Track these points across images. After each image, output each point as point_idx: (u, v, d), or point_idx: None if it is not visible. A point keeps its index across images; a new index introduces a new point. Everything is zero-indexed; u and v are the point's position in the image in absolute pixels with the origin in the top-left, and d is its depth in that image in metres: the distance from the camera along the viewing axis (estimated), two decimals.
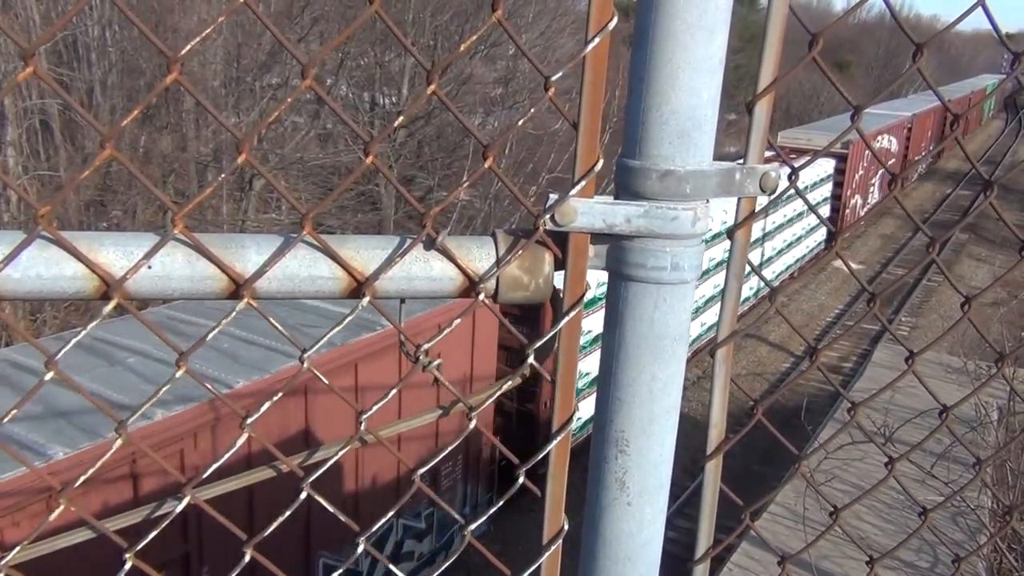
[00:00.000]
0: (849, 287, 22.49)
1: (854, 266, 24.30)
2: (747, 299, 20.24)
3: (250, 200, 19.77)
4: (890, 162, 28.63)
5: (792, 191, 0.99)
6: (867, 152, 25.83)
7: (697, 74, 0.86)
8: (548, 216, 0.88)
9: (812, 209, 1.08)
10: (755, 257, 19.16)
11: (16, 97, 15.88)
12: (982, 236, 25.72)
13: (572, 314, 0.92)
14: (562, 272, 0.92)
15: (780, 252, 21.00)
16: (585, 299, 0.93)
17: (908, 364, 1.29)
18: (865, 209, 27.45)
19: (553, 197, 0.89)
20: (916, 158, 32.58)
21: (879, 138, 26.79)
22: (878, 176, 28.24)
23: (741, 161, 0.94)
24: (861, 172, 26.28)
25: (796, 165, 1.00)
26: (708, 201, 0.91)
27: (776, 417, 13.99)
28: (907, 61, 1.14)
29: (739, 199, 0.96)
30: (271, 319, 0.87)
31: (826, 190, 22.88)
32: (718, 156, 0.92)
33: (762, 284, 19.06)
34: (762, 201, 0.98)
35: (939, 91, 1.21)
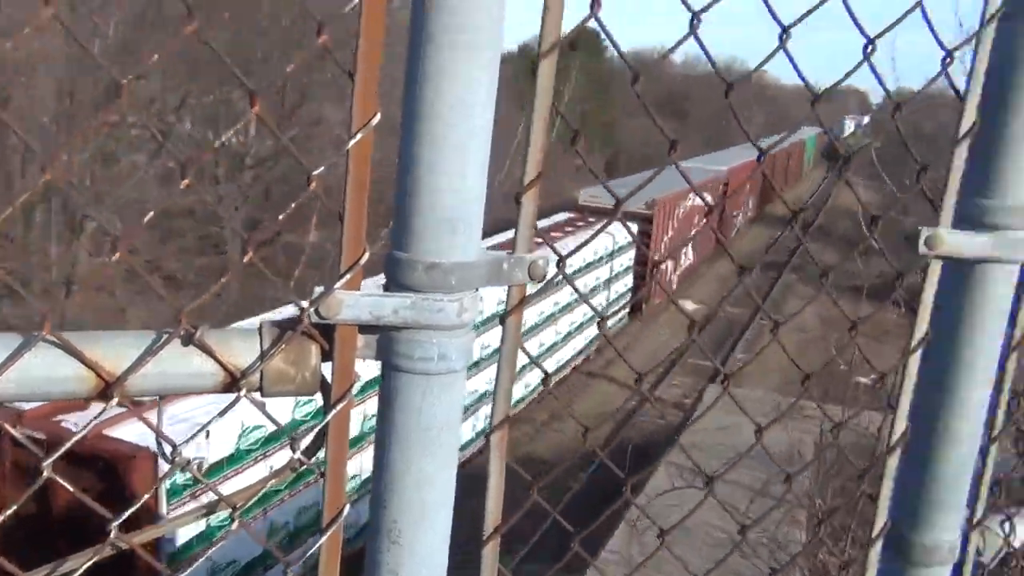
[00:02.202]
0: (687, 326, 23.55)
1: (692, 306, 25.54)
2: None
3: (80, 242, 18.62)
4: (703, 221, 28.55)
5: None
6: (678, 211, 24.56)
7: (462, 169, 0.88)
8: (313, 309, 0.87)
9: (583, 297, 1.12)
10: (549, 336, 17.93)
11: None
12: (808, 277, 27.66)
13: (339, 407, 0.91)
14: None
15: (581, 327, 19.56)
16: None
17: (724, 387, 1.35)
18: (678, 274, 26.17)
19: (318, 289, 0.88)
20: (735, 213, 32.23)
21: (691, 196, 25.36)
22: (691, 238, 27.18)
23: (510, 251, 0.97)
24: (671, 233, 24.56)
25: (568, 249, 1.04)
26: (477, 289, 0.93)
27: (618, 457, 14.38)
28: (741, 113, 1.22)
29: (509, 287, 0.98)
30: None
31: (629, 257, 21.36)
32: (563, 200, 0.94)
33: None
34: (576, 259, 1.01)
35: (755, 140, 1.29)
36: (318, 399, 0.92)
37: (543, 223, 20.49)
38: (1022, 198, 1.13)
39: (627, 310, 22.83)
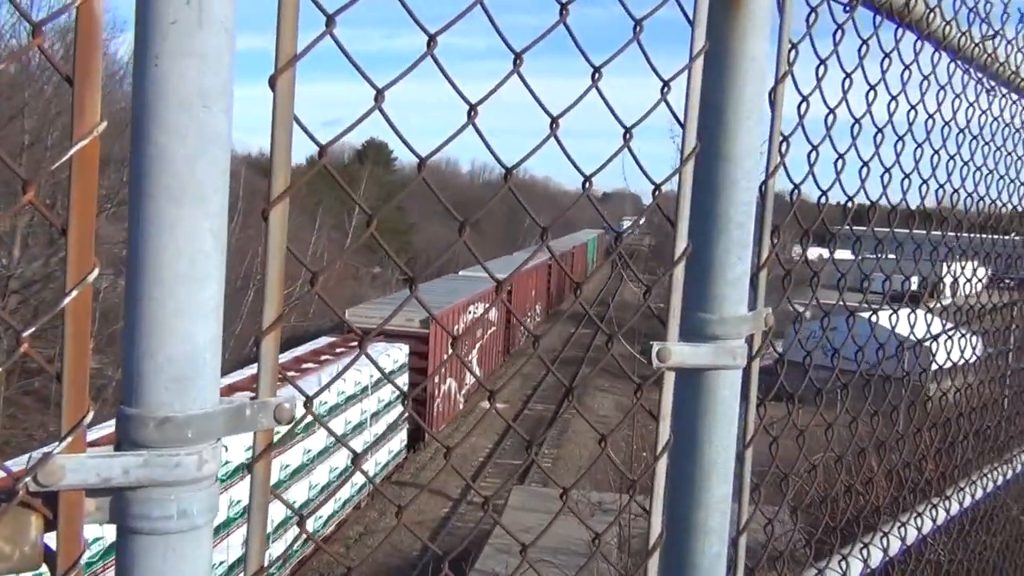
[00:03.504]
0: (497, 426, 23.74)
1: (500, 405, 25.89)
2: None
3: None
4: (489, 331, 25.51)
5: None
6: (458, 326, 22.52)
7: (192, 320, 0.86)
8: (31, 477, 0.81)
9: (341, 440, 1.12)
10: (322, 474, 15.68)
11: None
12: (604, 369, 28.93)
13: None
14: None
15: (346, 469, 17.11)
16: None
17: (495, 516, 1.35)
18: (463, 392, 23.98)
19: (36, 455, 0.82)
20: (523, 319, 32.84)
21: (471, 308, 23.88)
22: (476, 350, 25.16)
23: (253, 396, 0.95)
24: (451, 352, 23.61)
25: (324, 379, 1.04)
26: (219, 440, 0.91)
27: (437, 566, 13.98)
28: (527, 218, 1.26)
29: (255, 433, 0.96)
30: None
31: (403, 379, 18.46)
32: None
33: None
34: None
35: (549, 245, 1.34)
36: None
37: (302, 349, 18.38)
38: (732, 311, 1.26)
39: (403, 443, 20.24)
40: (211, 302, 0.88)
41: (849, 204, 2.05)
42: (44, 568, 0.87)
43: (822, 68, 1.53)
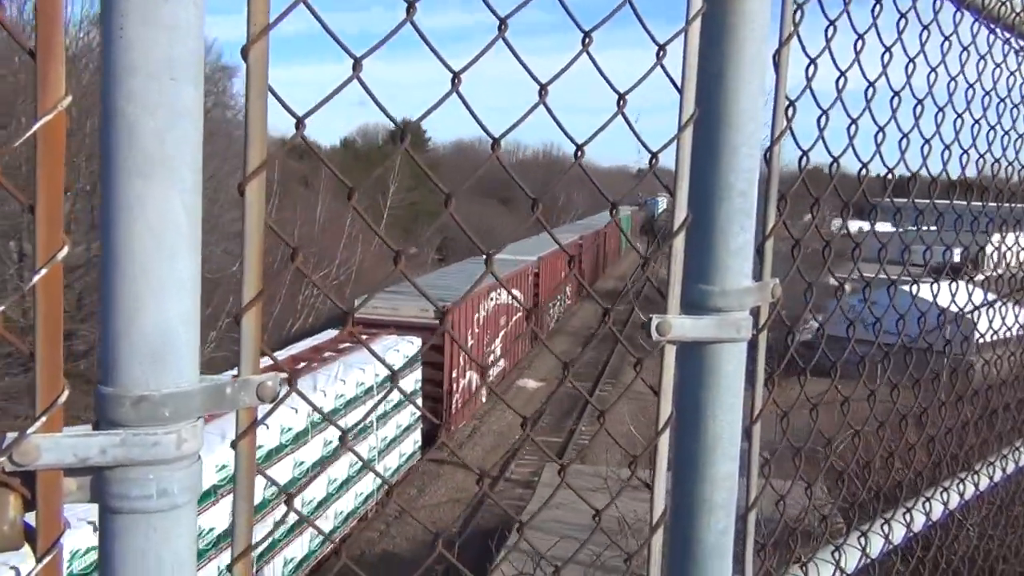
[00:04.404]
0: (534, 404, 23.80)
1: (534, 384, 25.90)
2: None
3: None
4: (514, 318, 23.38)
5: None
6: (478, 315, 20.94)
7: (165, 297, 0.85)
8: (6, 457, 0.81)
9: (350, 448, 1.10)
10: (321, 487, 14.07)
11: None
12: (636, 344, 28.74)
13: (47, 559, 0.84)
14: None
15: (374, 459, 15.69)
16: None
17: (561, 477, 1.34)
18: (487, 383, 22.23)
19: (11, 436, 0.82)
20: (551, 303, 29.22)
21: (492, 294, 22.01)
22: (499, 340, 23.52)
23: (235, 373, 0.94)
24: (472, 342, 20.95)
25: (331, 375, 1.02)
26: (200, 418, 0.90)
27: (476, 540, 14.16)
28: (561, 195, 1.25)
29: (237, 412, 0.95)
30: None
31: (416, 375, 17.14)
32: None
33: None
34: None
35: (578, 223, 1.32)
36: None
37: (308, 342, 16.73)
38: (735, 283, 1.22)
39: (417, 444, 18.40)
40: (185, 279, 0.87)
41: (889, 176, 2.00)
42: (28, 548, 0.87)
43: (832, 30, 1.47)
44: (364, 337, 15.03)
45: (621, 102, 1.17)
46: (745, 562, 1.39)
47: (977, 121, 2.63)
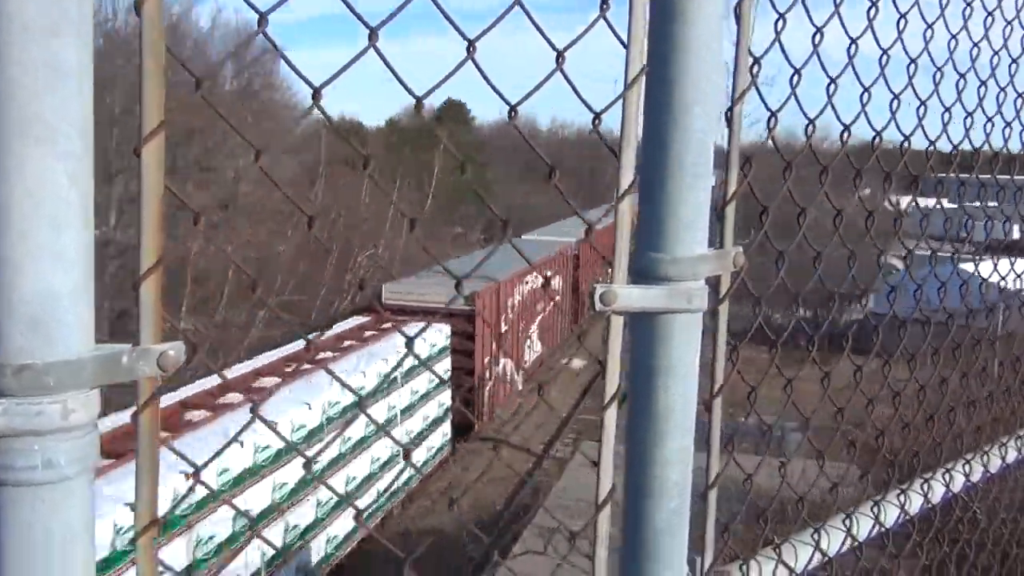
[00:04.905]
0: (576, 384, 23.70)
1: (580, 363, 25.81)
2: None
3: None
4: (551, 303, 22.09)
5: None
6: (512, 300, 19.67)
7: (48, 264, 0.83)
8: None
9: (383, 429, 1.07)
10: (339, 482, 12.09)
11: None
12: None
13: None
14: None
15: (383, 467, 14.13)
16: None
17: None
18: (520, 374, 20.70)
19: None
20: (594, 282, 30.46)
21: (527, 279, 20.61)
22: (536, 325, 22.27)
23: (133, 343, 0.91)
24: (505, 328, 19.75)
25: (353, 365, 0.99)
26: (91, 389, 0.87)
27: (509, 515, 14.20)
28: (607, 171, 1.23)
29: (138, 382, 0.92)
30: None
31: (445, 363, 16.01)
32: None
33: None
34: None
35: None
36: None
37: (336, 328, 15.14)
38: (687, 250, 1.16)
39: (447, 437, 17.20)
40: (71, 248, 0.84)
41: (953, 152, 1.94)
42: None
43: None
44: (389, 325, 14.27)
45: (560, 59, 1.11)
46: (705, 543, 1.33)
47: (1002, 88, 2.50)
